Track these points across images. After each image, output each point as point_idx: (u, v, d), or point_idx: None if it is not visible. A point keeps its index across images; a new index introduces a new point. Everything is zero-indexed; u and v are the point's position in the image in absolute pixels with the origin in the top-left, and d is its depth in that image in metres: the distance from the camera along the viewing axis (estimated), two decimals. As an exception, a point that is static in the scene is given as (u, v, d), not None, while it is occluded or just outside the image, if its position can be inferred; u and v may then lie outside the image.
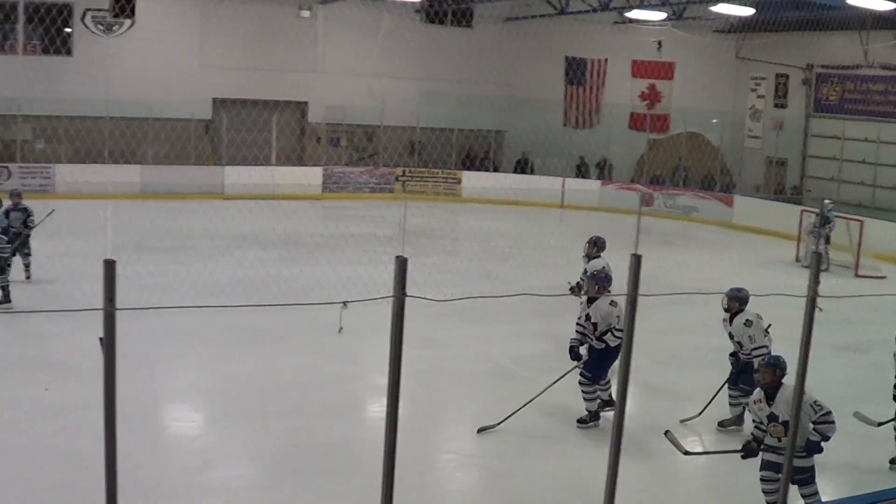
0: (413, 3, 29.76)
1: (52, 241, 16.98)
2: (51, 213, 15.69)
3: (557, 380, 9.85)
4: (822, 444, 7.33)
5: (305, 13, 30.17)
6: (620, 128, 30.42)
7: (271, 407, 9.82)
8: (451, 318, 11.93)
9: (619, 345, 9.88)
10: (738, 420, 10.08)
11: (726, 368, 10.20)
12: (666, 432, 7.78)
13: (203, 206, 22.91)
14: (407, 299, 5.05)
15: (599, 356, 9.98)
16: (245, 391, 10.25)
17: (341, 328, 11.59)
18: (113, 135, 27.82)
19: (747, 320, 9.61)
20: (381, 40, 29.63)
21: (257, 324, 12.76)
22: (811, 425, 7.24)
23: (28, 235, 15.23)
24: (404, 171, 30.63)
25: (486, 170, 30.95)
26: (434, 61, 30.79)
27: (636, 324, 5.12)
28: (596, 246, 12.37)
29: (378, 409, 8.99)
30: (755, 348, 9.47)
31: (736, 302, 9.72)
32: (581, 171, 30.92)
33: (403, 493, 5.64)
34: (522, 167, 30.89)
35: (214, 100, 29.27)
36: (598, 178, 30.78)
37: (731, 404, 10.11)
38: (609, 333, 9.85)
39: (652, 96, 31.28)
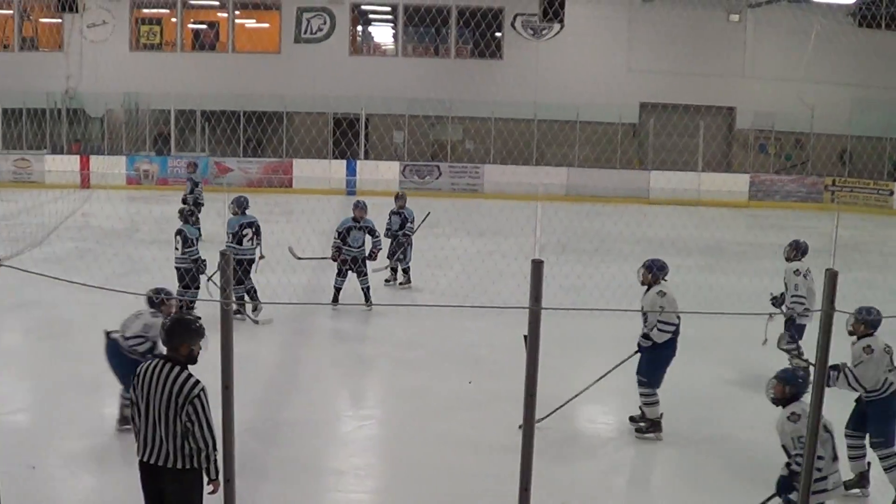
0: (846, 6, 28.26)
1: (481, 239, 17.84)
2: (427, 215, 15.79)
3: (605, 374, 9.39)
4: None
5: (734, 17, 29.67)
6: None
7: (682, 415, 9.64)
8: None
9: (670, 343, 8.95)
10: (861, 480, 8.10)
11: None
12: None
13: (629, 209, 23.10)
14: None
15: (649, 355, 9.05)
16: (661, 398, 10.12)
17: (766, 340, 11.15)
18: (545, 137, 28.84)
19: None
20: (813, 45, 28.34)
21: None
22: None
23: (408, 244, 15.34)
24: (834, 181, 29.26)
25: (924, 183, 28.79)
26: (867, 67, 29.10)
27: None
28: (796, 250, 11.01)
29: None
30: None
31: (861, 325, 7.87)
32: None
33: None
34: (960, 180, 28.29)
35: (641, 104, 29.44)
36: None
37: (850, 457, 8.09)
38: (654, 328, 8.90)
39: None
